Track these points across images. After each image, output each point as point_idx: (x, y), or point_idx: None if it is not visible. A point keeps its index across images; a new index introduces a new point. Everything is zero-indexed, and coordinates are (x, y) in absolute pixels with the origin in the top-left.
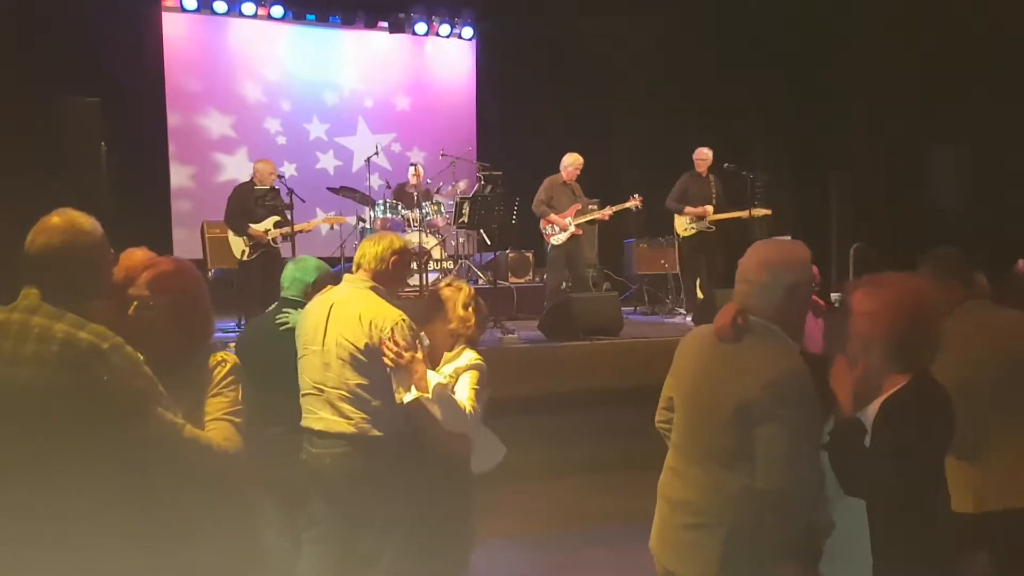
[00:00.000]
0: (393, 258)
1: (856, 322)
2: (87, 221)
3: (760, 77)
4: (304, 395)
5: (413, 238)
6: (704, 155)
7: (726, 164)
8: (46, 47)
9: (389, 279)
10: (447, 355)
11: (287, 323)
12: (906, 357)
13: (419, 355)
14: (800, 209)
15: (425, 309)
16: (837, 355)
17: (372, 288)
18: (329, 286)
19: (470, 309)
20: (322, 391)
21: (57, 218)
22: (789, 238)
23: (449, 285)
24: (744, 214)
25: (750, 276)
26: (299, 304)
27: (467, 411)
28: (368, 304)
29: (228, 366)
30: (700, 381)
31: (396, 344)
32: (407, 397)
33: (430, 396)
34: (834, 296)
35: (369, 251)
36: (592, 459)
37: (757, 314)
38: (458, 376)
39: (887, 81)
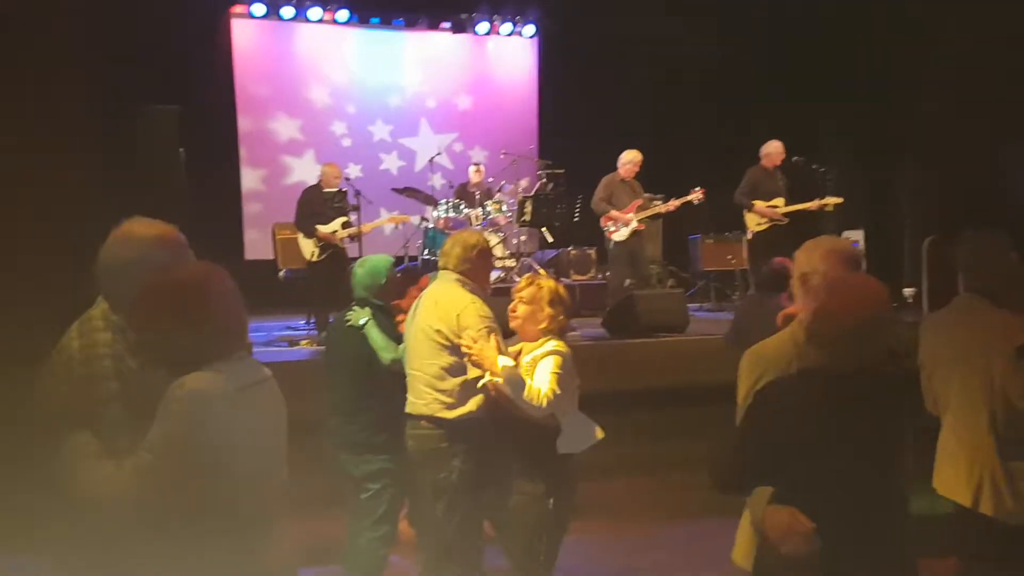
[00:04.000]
0: (475, 251)
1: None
2: (141, 230)
3: (828, 69)
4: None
5: None
6: (771, 148)
7: (794, 158)
8: (121, 58)
9: (475, 272)
10: (528, 345)
11: (350, 320)
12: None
13: (491, 340)
14: (872, 203)
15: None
16: None
17: (457, 279)
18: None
19: (556, 305)
20: (411, 375)
21: (118, 229)
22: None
23: (531, 283)
24: (815, 205)
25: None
26: (366, 303)
27: (542, 394)
28: (445, 291)
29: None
30: None
31: (466, 328)
32: (481, 381)
33: (500, 379)
34: (907, 292)
35: (451, 250)
36: (657, 459)
37: None
38: (536, 363)
39: (962, 72)
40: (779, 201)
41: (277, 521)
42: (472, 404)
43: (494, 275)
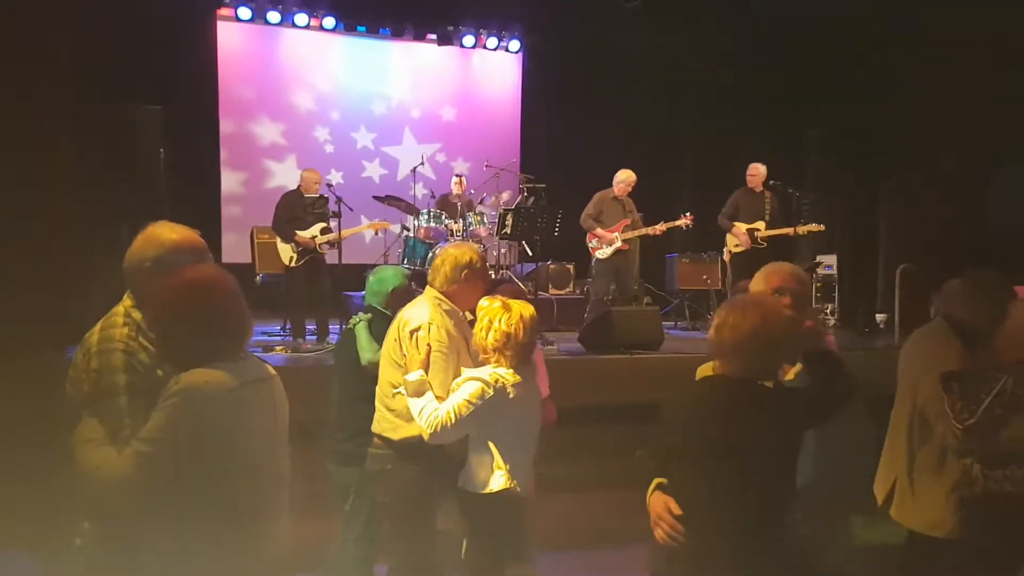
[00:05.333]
0: (463, 272)
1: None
2: (165, 233)
3: (814, 94)
4: None
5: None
6: (756, 171)
7: (771, 181)
8: (104, 56)
9: (460, 294)
10: (469, 372)
11: (349, 324)
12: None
13: (419, 355)
14: (851, 229)
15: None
16: None
17: (435, 298)
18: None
19: (513, 332)
20: (376, 391)
21: (144, 231)
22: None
23: (497, 302)
24: (790, 231)
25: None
26: (374, 311)
27: (434, 418)
28: (416, 309)
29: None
30: None
31: (413, 344)
32: (398, 390)
33: (405, 388)
34: (879, 317)
35: (440, 267)
36: (627, 474)
37: None
38: (459, 385)
39: (944, 101)
40: (760, 224)
41: (277, 518)
42: (417, 427)
43: None
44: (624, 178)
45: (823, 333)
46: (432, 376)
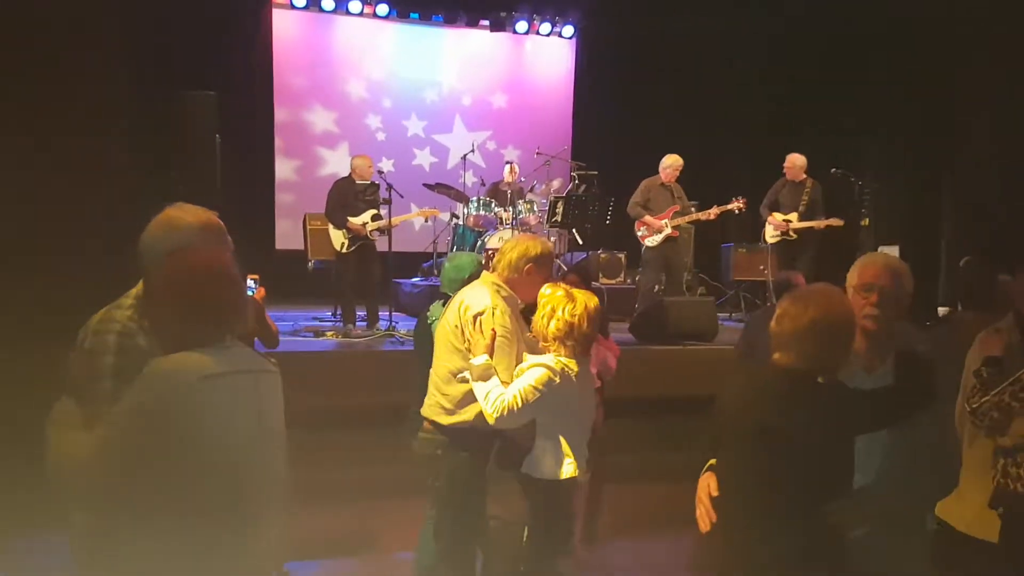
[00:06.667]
0: (527, 264)
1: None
2: (181, 215)
3: (873, 79)
4: None
5: (505, 235)
6: (791, 161)
7: (833, 169)
8: (161, 44)
9: (520, 283)
10: (532, 358)
11: (429, 313)
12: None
13: (484, 339)
14: (913, 219)
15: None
16: None
17: (493, 283)
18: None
19: (577, 323)
20: (430, 375)
21: (160, 213)
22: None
23: (564, 291)
24: (820, 224)
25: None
26: (447, 298)
27: (501, 403)
28: (475, 293)
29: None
30: None
31: (477, 328)
32: (462, 375)
33: (471, 371)
34: (941, 311)
35: (506, 253)
36: (676, 466)
37: None
38: (523, 371)
39: (1009, 88)
40: (793, 216)
41: (259, 519)
42: (469, 413)
43: None
44: (671, 163)
45: (913, 333)
46: (497, 361)
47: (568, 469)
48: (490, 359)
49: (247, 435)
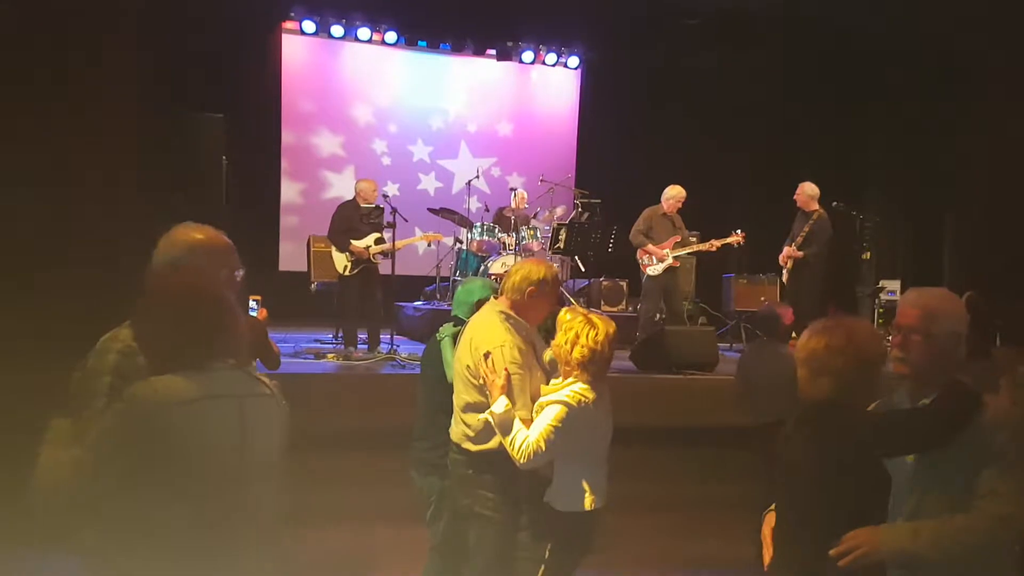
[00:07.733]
0: (531, 287)
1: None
2: (189, 234)
3: (875, 113)
4: None
5: (508, 260)
6: (800, 190)
7: (834, 203)
8: (171, 66)
9: (526, 307)
10: (554, 383)
11: (438, 334)
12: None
13: (499, 380)
14: (914, 253)
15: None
16: None
17: (500, 313)
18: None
19: (599, 349)
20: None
21: (170, 231)
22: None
23: (583, 317)
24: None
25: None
26: (460, 322)
27: (526, 447)
28: (483, 325)
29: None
30: None
31: (490, 367)
32: (482, 416)
33: (494, 426)
34: None
35: (512, 276)
36: (676, 498)
37: None
38: (542, 407)
39: (1008, 123)
40: (791, 248)
41: (252, 540)
42: (493, 442)
43: None
44: (674, 194)
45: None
46: (516, 398)
47: (587, 500)
48: (509, 403)
49: (231, 461)
